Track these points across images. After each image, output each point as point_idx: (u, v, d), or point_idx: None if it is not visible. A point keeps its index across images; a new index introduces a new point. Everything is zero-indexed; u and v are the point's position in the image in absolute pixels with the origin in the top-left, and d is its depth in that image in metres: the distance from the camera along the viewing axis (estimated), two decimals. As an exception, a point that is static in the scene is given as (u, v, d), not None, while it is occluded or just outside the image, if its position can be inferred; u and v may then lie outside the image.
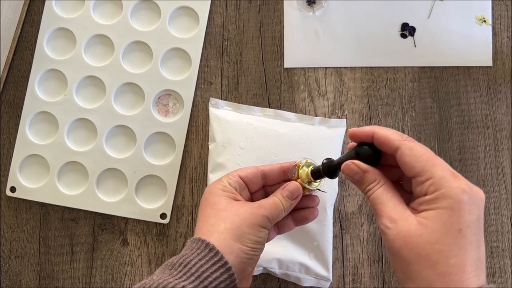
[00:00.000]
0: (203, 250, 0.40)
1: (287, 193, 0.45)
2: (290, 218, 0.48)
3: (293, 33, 0.65)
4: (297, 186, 0.46)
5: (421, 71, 0.64)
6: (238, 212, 0.43)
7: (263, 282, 0.62)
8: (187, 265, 0.40)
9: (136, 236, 0.63)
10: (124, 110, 0.65)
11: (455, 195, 0.36)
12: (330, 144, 0.60)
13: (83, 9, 0.66)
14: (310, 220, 0.48)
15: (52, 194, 0.64)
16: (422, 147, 0.38)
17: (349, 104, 0.64)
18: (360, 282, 0.61)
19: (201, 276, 0.39)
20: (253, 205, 0.44)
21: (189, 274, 0.39)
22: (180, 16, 0.66)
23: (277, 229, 0.48)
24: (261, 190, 0.49)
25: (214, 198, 0.44)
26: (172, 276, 0.39)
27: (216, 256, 0.40)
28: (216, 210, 0.43)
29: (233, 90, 0.65)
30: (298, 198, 0.46)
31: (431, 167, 0.37)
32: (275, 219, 0.44)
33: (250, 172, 0.47)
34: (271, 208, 0.44)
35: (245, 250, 0.41)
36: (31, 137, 0.65)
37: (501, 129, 0.63)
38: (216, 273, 0.39)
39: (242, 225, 0.42)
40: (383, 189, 0.40)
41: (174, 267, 0.40)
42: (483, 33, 0.64)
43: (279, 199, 0.45)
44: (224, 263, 0.40)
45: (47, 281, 0.63)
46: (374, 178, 0.40)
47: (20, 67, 0.67)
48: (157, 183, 0.64)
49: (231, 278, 0.40)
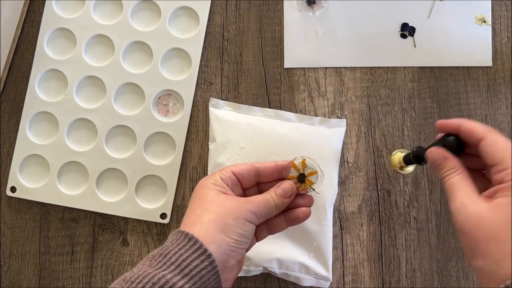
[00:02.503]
0: (183, 240, 0.40)
1: (281, 191, 0.46)
2: (283, 217, 0.48)
3: (293, 33, 0.65)
4: (291, 185, 0.46)
5: (421, 71, 0.64)
6: (224, 204, 0.43)
7: (263, 282, 0.62)
8: (166, 255, 0.40)
9: (136, 236, 0.63)
10: (124, 110, 0.65)
11: None
12: (330, 144, 0.60)
13: (83, 9, 0.66)
14: (301, 219, 0.48)
15: (52, 194, 0.64)
16: (505, 140, 0.42)
17: (349, 104, 0.64)
18: (360, 282, 0.61)
19: (181, 265, 0.39)
20: (240, 200, 0.44)
21: (169, 264, 0.39)
22: (180, 16, 0.66)
23: (269, 228, 0.48)
24: (254, 187, 0.49)
25: (203, 190, 0.45)
26: (152, 266, 0.39)
27: (196, 245, 0.40)
28: (203, 201, 0.44)
29: (233, 90, 0.65)
30: (291, 197, 0.47)
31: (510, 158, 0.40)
32: (263, 215, 0.45)
33: (243, 169, 0.47)
34: (259, 204, 0.44)
35: (228, 241, 0.41)
36: (31, 137, 0.65)
37: (501, 129, 0.63)
38: (196, 260, 0.39)
39: (227, 216, 0.42)
40: (460, 176, 0.43)
41: (154, 258, 0.40)
42: (483, 33, 0.64)
43: (271, 196, 0.45)
44: (204, 250, 0.40)
45: (47, 281, 0.63)
46: (453, 165, 0.44)
47: (20, 67, 0.67)
48: (157, 183, 0.64)
49: (212, 265, 0.40)
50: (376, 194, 0.62)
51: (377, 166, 0.63)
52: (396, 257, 0.62)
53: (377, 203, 0.62)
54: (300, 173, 0.48)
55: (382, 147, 0.63)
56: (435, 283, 0.61)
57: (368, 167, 0.63)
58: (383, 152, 0.63)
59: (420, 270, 0.61)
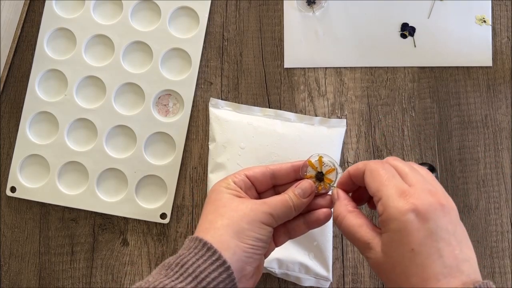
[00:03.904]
0: (201, 250, 0.39)
1: (299, 191, 0.43)
2: (302, 220, 0.45)
3: (293, 33, 0.65)
4: (310, 184, 0.44)
5: (421, 71, 0.64)
6: (238, 208, 0.41)
7: (263, 282, 0.62)
8: (184, 265, 0.38)
9: (136, 236, 0.63)
10: (124, 110, 0.65)
11: (399, 216, 0.36)
12: (330, 144, 0.60)
13: (83, 9, 0.66)
14: (322, 221, 0.45)
15: (52, 194, 0.64)
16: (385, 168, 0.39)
17: (349, 104, 0.64)
18: (360, 282, 0.61)
19: (199, 277, 0.37)
20: (255, 202, 0.42)
21: (186, 275, 0.38)
22: (180, 16, 0.66)
23: (288, 232, 0.46)
24: (270, 191, 0.46)
25: (216, 195, 0.43)
26: (169, 277, 0.38)
27: (214, 255, 0.38)
28: (216, 206, 0.42)
29: (233, 90, 0.65)
30: (311, 197, 0.44)
31: (382, 187, 0.38)
32: (281, 217, 0.42)
33: (257, 172, 0.45)
34: (276, 205, 0.42)
35: (244, 247, 0.39)
36: (31, 137, 0.65)
37: (501, 129, 0.63)
38: (214, 272, 0.38)
39: (241, 220, 0.40)
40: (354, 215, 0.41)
41: (170, 268, 0.38)
42: (483, 33, 0.64)
43: (289, 197, 0.43)
44: (223, 262, 0.38)
45: (47, 281, 0.63)
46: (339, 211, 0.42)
47: (20, 67, 0.67)
48: (157, 183, 0.64)
49: (230, 277, 0.38)
50: (376, 194, 0.62)
51: (377, 166, 0.63)
52: (396, 257, 0.62)
53: (377, 203, 0.62)
54: (318, 172, 0.45)
55: (382, 147, 0.63)
56: (435, 283, 0.61)
57: (368, 167, 0.63)
58: (383, 152, 0.63)
59: (420, 270, 0.61)
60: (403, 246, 0.36)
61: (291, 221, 0.45)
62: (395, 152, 0.63)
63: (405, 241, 0.36)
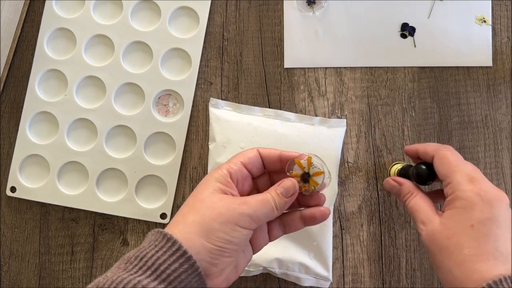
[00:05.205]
0: (161, 241, 0.38)
1: (282, 190, 0.41)
2: (298, 215, 0.44)
3: (293, 33, 0.65)
4: (292, 183, 0.42)
5: (421, 71, 0.64)
6: (215, 205, 0.39)
7: (263, 282, 0.62)
8: (142, 258, 0.37)
9: (136, 236, 0.63)
10: (124, 110, 0.65)
11: (466, 197, 0.42)
12: (330, 144, 0.60)
13: (83, 9, 0.66)
14: (318, 219, 0.43)
15: (52, 194, 0.64)
16: (453, 155, 0.46)
17: (349, 104, 0.64)
18: (360, 282, 0.61)
19: (159, 269, 0.36)
20: (235, 201, 0.40)
21: (146, 268, 0.36)
22: (180, 16, 0.66)
23: (283, 226, 0.44)
24: (265, 178, 0.45)
25: (201, 187, 0.42)
26: (127, 271, 0.36)
27: (174, 246, 0.37)
28: (195, 199, 0.41)
29: (233, 90, 0.65)
30: (294, 196, 0.42)
31: (451, 173, 0.44)
32: (261, 218, 0.40)
33: (251, 156, 0.43)
34: (257, 205, 0.40)
35: (210, 248, 0.38)
36: (31, 137, 0.65)
37: (501, 129, 0.63)
38: (175, 263, 0.36)
39: (214, 220, 0.38)
40: (417, 198, 0.47)
41: (129, 262, 0.37)
42: (483, 33, 0.64)
43: (271, 196, 0.41)
44: (183, 252, 0.37)
45: (47, 281, 0.63)
46: (408, 189, 0.49)
47: (20, 67, 0.67)
48: (157, 183, 0.64)
49: (192, 267, 0.37)
50: (376, 194, 0.62)
51: (377, 166, 0.63)
52: (396, 257, 0.62)
53: (377, 203, 0.62)
54: (305, 172, 0.43)
55: (382, 147, 0.63)
56: (435, 283, 0.61)
57: (368, 167, 0.63)
58: (383, 152, 0.63)
59: (420, 270, 0.61)
60: (465, 221, 0.41)
61: (286, 214, 0.44)
62: (395, 152, 0.63)
63: (467, 217, 0.41)
